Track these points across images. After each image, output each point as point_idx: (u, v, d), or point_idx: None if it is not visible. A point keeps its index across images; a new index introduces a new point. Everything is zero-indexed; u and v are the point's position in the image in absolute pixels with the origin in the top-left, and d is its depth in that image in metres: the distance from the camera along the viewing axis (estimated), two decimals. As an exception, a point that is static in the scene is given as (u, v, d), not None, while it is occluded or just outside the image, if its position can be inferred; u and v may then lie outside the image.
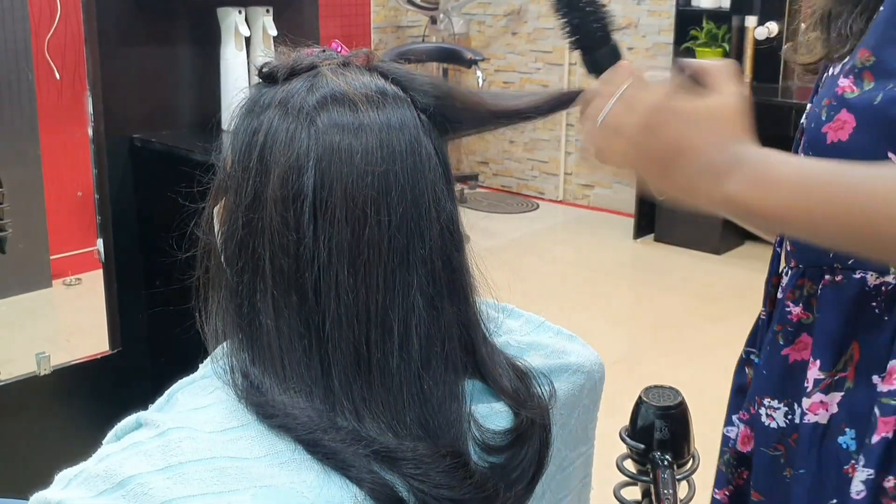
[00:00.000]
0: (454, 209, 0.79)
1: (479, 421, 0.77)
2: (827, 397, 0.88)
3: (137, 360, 2.26)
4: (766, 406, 0.93)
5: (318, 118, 0.74)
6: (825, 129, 0.85)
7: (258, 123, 0.76)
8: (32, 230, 2.65)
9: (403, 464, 0.70)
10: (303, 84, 0.76)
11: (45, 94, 3.46)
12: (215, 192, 0.81)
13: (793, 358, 0.92)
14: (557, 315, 0.96)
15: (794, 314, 0.91)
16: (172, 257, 0.88)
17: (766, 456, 0.94)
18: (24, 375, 2.09)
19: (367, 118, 0.74)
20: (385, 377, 0.72)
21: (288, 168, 0.73)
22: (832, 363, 0.87)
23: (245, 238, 0.74)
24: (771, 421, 0.93)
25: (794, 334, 0.92)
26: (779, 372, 0.93)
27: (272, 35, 2.28)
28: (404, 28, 5.80)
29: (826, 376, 0.88)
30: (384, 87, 0.77)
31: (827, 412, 0.88)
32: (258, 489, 0.66)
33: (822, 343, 0.88)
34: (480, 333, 0.81)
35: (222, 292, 0.78)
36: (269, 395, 0.72)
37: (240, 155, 0.76)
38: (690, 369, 3.30)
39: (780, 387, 0.93)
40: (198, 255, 0.82)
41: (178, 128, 2.26)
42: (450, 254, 0.77)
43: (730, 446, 1.00)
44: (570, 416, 0.89)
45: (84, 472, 0.69)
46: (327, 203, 0.72)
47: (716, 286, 4.22)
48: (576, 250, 4.89)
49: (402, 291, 0.73)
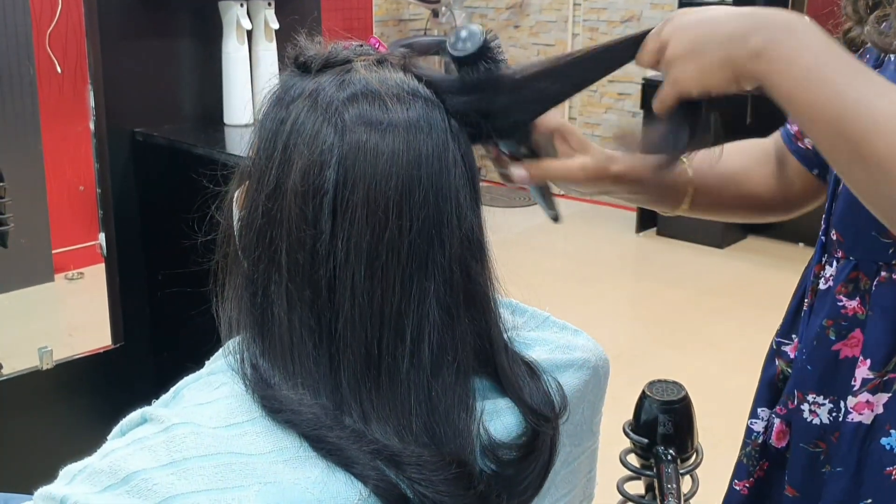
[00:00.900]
0: (477, 218, 0.77)
1: (489, 428, 0.76)
2: (874, 398, 0.86)
3: (140, 355, 2.26)
4: (811, 402, 0.91)
5: (346, 114, 0.73)
6: None
7: (286, 113, 0.75)
8: (34, 224, 2.65)
9: (407, 468, 0.69)
10: (335, 78, 0.75)
11: (47, 89, 3.45)
12: (239, 177, 0.81)
13: (844, 354, 0.89)
14: (559, 309, 0.96)
15: (848, 309, 0.88)
16: (174, 251, 0.87)
17: (806, 452, 0.92)
18: (27, 370, 2.09)
19: (395, 118, 0.73)
20: (393, 381, 0.72)
21: (311, 162, 0.72)
22: (883, 363, 0.85)
23: (263, 227, 0.74)
24: (814, 417, 0.91)
25: (848, 329, 0.88)
26: (826, 367, 0.90)
27: (274, 28, 2.28)
28: (406, 21, 5.79)
29: (875, 376, 0.85)
30: (416, 87, 0.76)
31: (872, 412, 0.86)
32: (263, 485, 0.66)
33: (874, 341, 0.85)
34: (501, 344, 0.80)
35: (238, 279, 0.78)
36: (276, 388, 0.72)
37: (265, 143, 0.75)
38: (693, 363, 3.30)
39: (826, 382, 0.90)
40: (217, 239, 0.82)
41: (180, 122, 2.26)
42: (469, 263, 0.76)
43: (752, 439, 0.98)
44: (576, 412, 0.89)
45: (88, 468, 0.69)
46: (348, 202, 0.71)
47: (718, 280, 4.22)
48: (578, 244, 4.89)
49: (417, 297, 0.72)
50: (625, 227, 4.89)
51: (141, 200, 2.19)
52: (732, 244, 4.62)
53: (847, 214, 0.88)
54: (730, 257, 4.50)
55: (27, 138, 2.72)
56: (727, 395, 2.91)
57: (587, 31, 5.30)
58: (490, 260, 0.79)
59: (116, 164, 2.14)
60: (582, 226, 5.12)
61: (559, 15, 5.38)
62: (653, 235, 4.78)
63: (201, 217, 0.83)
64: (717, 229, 4.54)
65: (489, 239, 0.79)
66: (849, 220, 0.88)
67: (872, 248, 0.86)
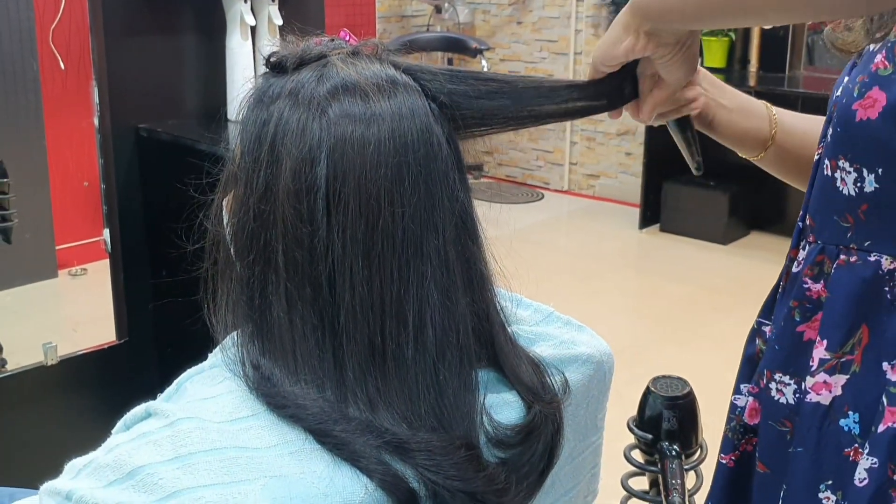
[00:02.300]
0: (467, 199, 0.78)
1: (491, 414, 0.76)
2: (831, 378, 0.87)
3: (144, 350, 2.27)
4: (777, 381, 0.93)
5: (329, 108, 0.73)
6: (855, 105, 0.84)
7: (268, 114, 0.75)
8: (38, 220, 2.65)
9: (416, 454, 0.70)
10: (312, 74, 0.76)
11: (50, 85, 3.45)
12: (224, 184, 0.81)
13: (808, 336, 0.91)
14: (562, 305, 0.96)
15: (812, 291, 0.90)
16: (179, 247, 0.88)
17: (774, 430, 0.93)
18: (32, 365, 2.09)
19: (378, 108, 0.74)
20: (400, 368, 0.72)
21: (301, 160, 0.72)
22: (839, 344, 0.87)
23: (256, 230, 0.74)
24: (780, 396, 0.93)
25: (812, 311, 0.90)
26: (791, 348, 0.92)
27: (277, 24, 2.28)
28: (409, 17, 5.78)
29: (832, 357, 0.87)
30: (394, 75, 0.77)
31: (830, 393, 0.87)
32: (268, 479, 0.66)
33: (831, 323, 0.87)
34: (498, 323, 0.80)
35: (232, 284, 0.78)
36: (279, 386, 0.72)
37: (249, 146, 0.75)
38: (696, 359, 3.30)
39: (791, 363, 0.92)
40: (206, 246, 0.82)
41: (184, 118, 2.26)
42: (464, 244, 0.77)
43: (736, 414, 1.00)
44: (580, 407, 0.89)
45: (94, 462, 0.69)
46: (341, 195, 0.72)
47: (721, 276, 4.22)
48: (581, 240, 4.89)
49: (416, 282, 0.73)
50: (628, 223, 4.88)
51: (145, 196, 2.19)
52: (736, 240, 4.61)
53: (817, 198, 0.91)
54: (733, 253, 4.49)
55: (31, 134, 2.72)
56: (730, 391, 2.91)
57: (590, 27, 5.29)
58: (483, 238, 0.80)
59: (120, 159, 2.15)
60: (585, 221, 5.12)
61: (562, 11, 5.37)
62: (656, 231, 4.78)
63: (205, 216, 0.83)
64: (720, 225, 4.54)
65: (479, 216, 0.80)
66: (818, 205, 0.90)
67: (835, 231, 0.88)
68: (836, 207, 0.88)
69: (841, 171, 0.86)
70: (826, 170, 0.88)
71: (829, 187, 0.88)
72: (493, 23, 5.71)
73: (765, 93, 4.37)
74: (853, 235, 0.86)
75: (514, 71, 5.65)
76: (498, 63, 5.64)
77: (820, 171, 0.90)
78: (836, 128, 0.87)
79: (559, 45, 5.44)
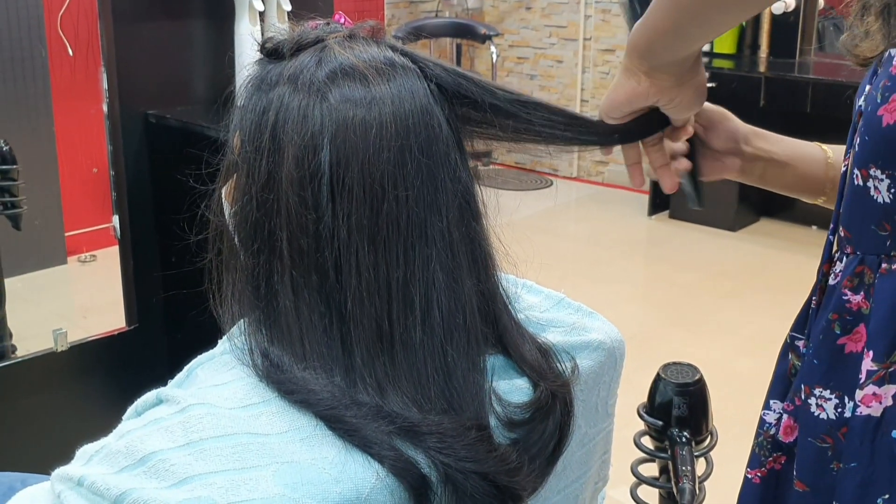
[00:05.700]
0: (470, 180, 0.78)
1: (501, 395, 0.76)
2: (880, 390, 0.85)
3: (154, 336, 2.27)
4: (817, 396, 0.90)
5: (329, 94, 0.73)
6: (881, 111, 0.82)
7: (267, 101, 0.74)
8: (47, 207, 2.65)
9: (427, 438, 0.70)
10: (311, 59, 0.75)
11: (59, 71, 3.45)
12: (224, 172, 0.80)
13: (849, 348, 0.89)
14: (572, 292, 0.96)
15: (853, 303, 0.88)
16: (187, 234, 0.87)
17: (814, 447, 0.91)
18: (42, 352, 2.10)
19: (378, 91, 0.73)
20: (408, 351, 0.72)
21: (303, 146, 0.72)
22: (886, 354, 0.84)
23: (260, 219, 0.74)
24: (821, 412, 0.90)
25: (853, 323, 0.88)
26: (831, 361, 0.89)
27: (286, 10, 2.27)
28: (417, 3, 5.76)
29: (879, 368, 0.85)
30: (392, 58, 0.76)
31: (880, 405, 0.85)
32: (280, 465, 0.66)
33: (876, 333, 0.85)
34: (502, 303, 0.80)
35: (237, 274, 0.78)
36: (289, 372, 0.72)
37: (250, 134, 0.75)
38: (705, 345, 3.30)
39: (831, 376, 0.89)
40: (209, 237, 0.82)
41: (193, 103, 2.25)
42: (467, 224, 0.76)
43: (765, 430, 0.98)
44: (592, 393, 0.89)
45: (105, 448, 0.70)
46: (345, 180, 0.71)
47: (731, 263, 4.21)
48: (590, 227, 4.88)
49: (421, 265, 0.73)
50: (637, 210, 4.87)
51: (154, 182, 2.19)
52: (745, 227, 4.60)
53: (850, 210, 0.89)
54: (742, 240, 4.48)
55: (39, 121, 2.72)
56: (740, 378, 2.90)
57: (599, 12, 5.26)
58: (486, 217, 0.80)
59: (129, 146, 2.15)
60: (594, 209, 5.11)
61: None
62: (665, 218, 4.77)
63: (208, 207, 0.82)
64: (729, 212, 4.52)
65: (482, 196, 0.80)
66: (852, 216, 0.89)
67: (873, 241, 0.86)
68: (873, 216, 0.86)
69: (873, 179, 0.85)
70: (857, 180, 0.86)
71: (862, 197, 0.86)
72: (501, 8, 5.68)
73: (775, 79, 4.36)
74: (892, 243, 0.85)
75: (524, 57, 5.63)
76: (507, 49, 5.62)
77: (850, 183, 0.88)
78: (864, 136, 0.85)
79: (568, 31, 5.41)
